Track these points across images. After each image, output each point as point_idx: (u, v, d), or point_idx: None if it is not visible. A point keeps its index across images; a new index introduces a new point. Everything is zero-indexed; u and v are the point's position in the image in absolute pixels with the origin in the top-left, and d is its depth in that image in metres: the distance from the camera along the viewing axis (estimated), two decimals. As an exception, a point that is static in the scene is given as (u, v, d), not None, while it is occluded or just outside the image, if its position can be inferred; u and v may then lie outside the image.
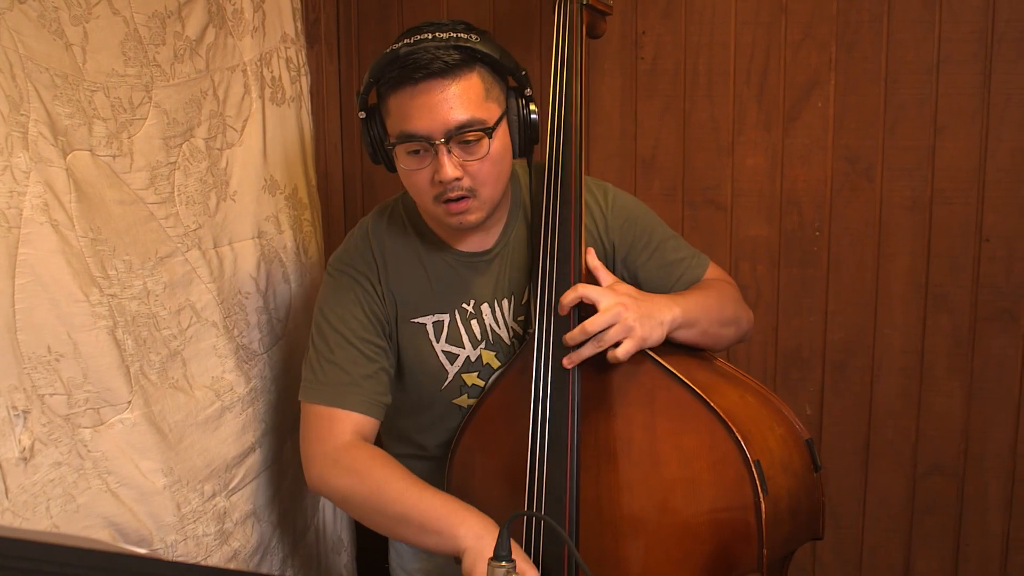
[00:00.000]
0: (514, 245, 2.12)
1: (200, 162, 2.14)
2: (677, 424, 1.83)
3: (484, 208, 1.95)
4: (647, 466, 1.85)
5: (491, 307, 2.11)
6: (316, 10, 2.79)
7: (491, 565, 1.53)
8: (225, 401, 2.17)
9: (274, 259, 2.41)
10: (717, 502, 1.79)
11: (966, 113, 2.53)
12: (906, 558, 2.72)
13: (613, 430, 1.89)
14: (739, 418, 1.80)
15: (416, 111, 1.85)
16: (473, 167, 1.89)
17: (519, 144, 1.98)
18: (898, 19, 2.53)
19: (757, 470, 1.75)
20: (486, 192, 1.93)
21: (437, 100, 1.84)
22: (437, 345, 2.10)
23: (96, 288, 1.78)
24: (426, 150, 1.88)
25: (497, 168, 1.93)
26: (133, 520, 1.86)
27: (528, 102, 1.96)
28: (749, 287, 2.68)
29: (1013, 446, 2.61)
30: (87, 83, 1.81)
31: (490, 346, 2.11)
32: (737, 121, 2.64)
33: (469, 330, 2.10)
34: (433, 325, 2.09)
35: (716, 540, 1.80)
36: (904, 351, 2.64)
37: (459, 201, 1.90)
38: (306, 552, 2.54)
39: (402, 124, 1.87)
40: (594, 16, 2.26)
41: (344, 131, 2.90)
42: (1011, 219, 2.54)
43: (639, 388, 1.87)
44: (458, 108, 1.84)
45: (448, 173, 1.85)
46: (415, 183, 1.93)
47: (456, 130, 1.85)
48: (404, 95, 1.86)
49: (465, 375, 2.12)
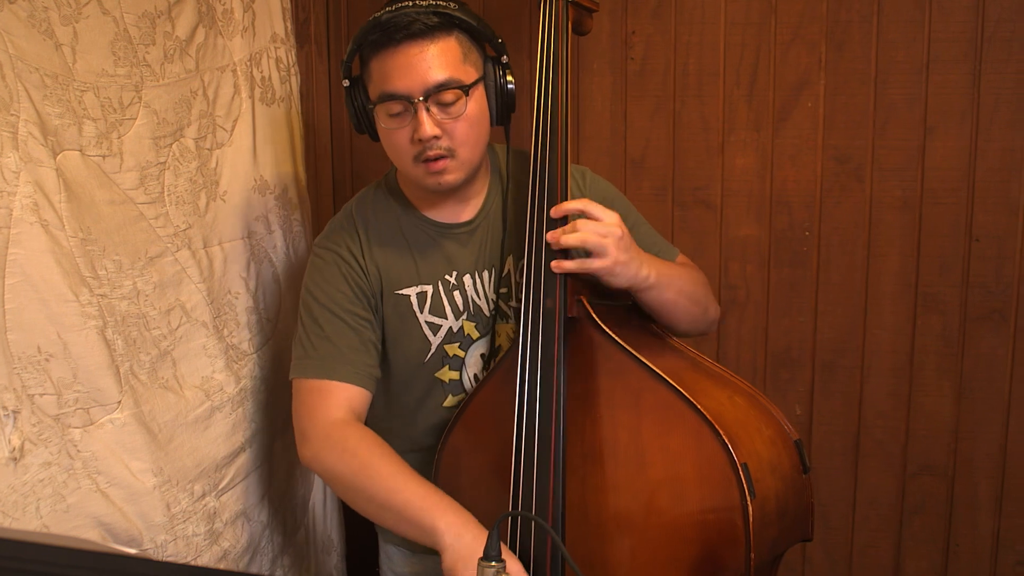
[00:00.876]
0: (493, 216, 2.17)
1: (190, 162, 2.14)
2: (663, 426, 1.82)
3: (462, 169, 2.01)
4: (633, 468, 1.84)
5: (472, 278, 2.14)
6: (306, 10, 2.79)
7: (481, 565, 1.52)
8: (215, 401, 2.16)
9: (264, 259, 2.41)
10: (703, 505, 1.78)
11: (956, 113, 2.53)
12: (896, 558, 2.72)
13: (599, 432, 1.88)
14: (726, 420, 1.79)
15: (396, 71, 1.92)
16: (450, 126, 1.95)
17: (496, 110, 2.05)
18: (888, 19, 2.53)
19: (744, 473, 1.74)
20: (464, 153, 1.99)
21: (416, 60, 1.91)
22: (421, 316, 2.12)
23: (86, 288, 1.77)
24: (406, 110, 1.94)
25: (474, 130, 2.00)
26: (123, 520, 1.86)
27: (505, 70, 2.04)
28: (739, 287, 2.68)
29: (1003, 446, 2.62)
30: (77, 83, 1.81)
31: (471, 317, 2.14)
32: (727, 121, 2.65)
33: (452, 301, 2.13)
34: (417, 296, 2.12)
35: (702, 543, 1.79)
36: (894, 351, 2.64)
37: (437, 161, 1.97)
38: (296, 552, 2.54)
39: (383, 84, 1.95)
40: (580, 13, 2.26)
41: (334, 131, 2.90)
42: (1001, 219, 2.54)
43: (625, 389, 1.87)
44: (436, 68, 1.92)
45: (427, 131, 1.92)
46: (395, 144, 1.99)
47: (435, 88, 1.92)
48: (385, 57, 1.93)
49: (447, 346, 2.13)
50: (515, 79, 2.05)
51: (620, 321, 1.99)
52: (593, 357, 1.91)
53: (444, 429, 2.09)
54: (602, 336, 1.91)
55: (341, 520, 2.74)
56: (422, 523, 1.83)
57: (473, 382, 2.15)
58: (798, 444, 1.92)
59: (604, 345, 1.90)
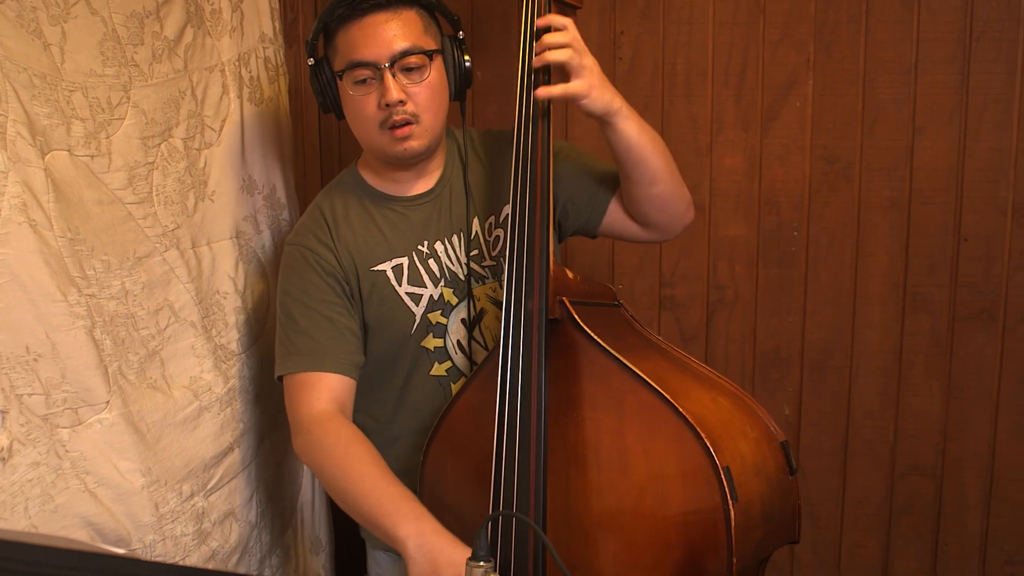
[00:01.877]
0: (455, 184, 2.20)
1: (178, 162, 2.13)
2: (646, 429, 1.81)
3: (426, 136, 2.06)
4: (615, 471, 1.83)
5: (444, 245, 2.16)
6: (294, 10, 2.79)
7: (469, 565, 1.52)
8: (203, 401, 2.16)
9: (252, 259, 2.40)
10: (686, 508, 1.76)
11: (944, 113, 2.54)
12: (884, 558, 2.73)
13: (581, 434, 1.87)
14: (709, 423, 1.76)
15: (363, 39, 2.00)
16: (415, 91, 2.02)
17: (454, 84, 2.13)
18: (876, 19, 2.54)
19: (727, 477, 1.71)
20: (427, 119, 2.05)
21: (382, 29, 1.99)
22: (400, 288, 2.13)
23: (74, 288, 1.76)
24: (373, 76, 2.01)
25: (436, 96, 2.06)
26: (111, 520, 1.85)
27: (461, 46, 2.12)
28: (727, 287, 2.69)
29: (991, 446, 2.63)
30: (65, 83, 1.80)
31: (448, 283, 2.16)
32: (715, 121, 2.65)
33: (428, 269, 2.15)
34: (393, 270, 2.13)
35: (685, 546, 1.77)
36: (882, 351, 2.65)
37: (403, 127, 2.02)
38: (284, 552, 2.53)
39: (350, 54, 2.02)
40: (563, 10, 2.25)
41: (322, 131, 2.90)
42: (989, 219, 2.55)
43: (607, 392, 1.85)
44: (400, 37, 2.00)
45: (393, 95, 1.98)
46: (361, 111, 2.05)
47: (400, 55, 1.99)
48: (351, 27, 2.01)
49: (430, 315, 2.15)
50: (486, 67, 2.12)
51: (603, 323, 1.96)
52: (575, 359, 1.90)
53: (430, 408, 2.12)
54: (584, 338, 1.89)
55: (329, 520, 2.73)
56: (387, 529, 1.83)
57: (457, 349, 2.16)
58: (784, 445, 1.90)
59: (586, 347, 1.88)
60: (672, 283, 2.76)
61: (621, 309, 2.04)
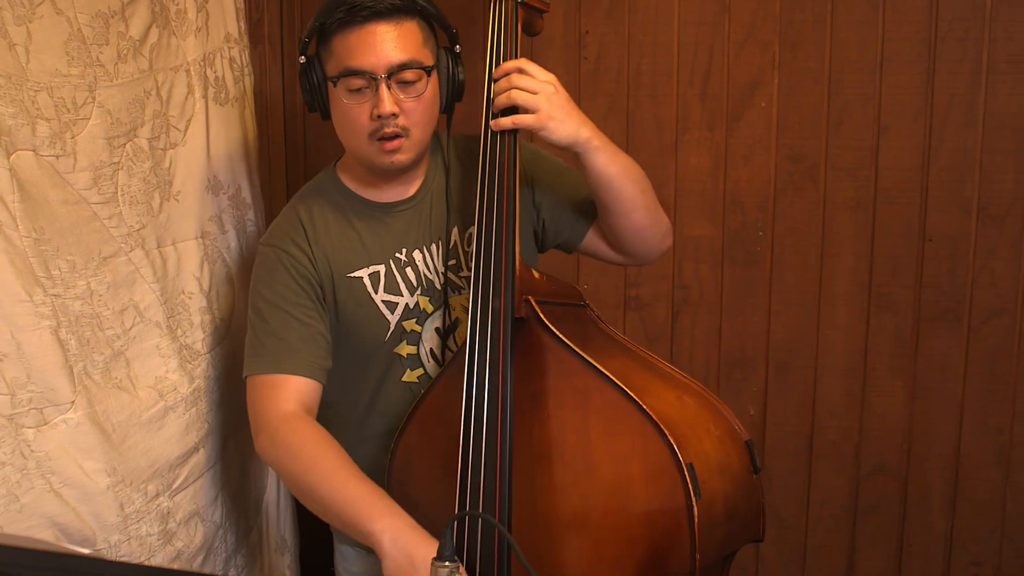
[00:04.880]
0: (435, 192, 2.18)
1: (143, 162, 2.14)
2: (610, 427, 1.82)
3: (414, 149, 2.04)
4: (580, 468, 1.84)
5: (422, 253, 2.15)
6: (259, 10, 2.79)
7: (435, 565, 1.52)
8: (168, 401, 2.16)
9: (217, 259, 2.41)
10: (650, 505, 1.78)
11: (909, 113, 2.53)
12: (849, 558, 2.73)
13: (546, 432, 1.88)
14: (673, 421, 1.78)
15: (361, 47, 1.96)
16: (409, 106, 1.99)
17: (444, 98, 2.10)
18: (841, 19, 2.54)
19: (690, 473, 1.73)
20: (417, 133, 2.03)
21: (381, 39, 1.96)
22: (376, 296, 2.12)
23: (39, 288, 1.78)
24: (367, 86, 1.98)
25: (428, 111, 2.04)
26: (76, 520, 1.86)
27: (457, 60, 2.09)
28: (692, 287, 2.69)
29: (956, 446, 2.62)
30: (30, 83, 1.81)
31: (424, 292, 2.15)
32: (680, 121, 2.65)
33: (405, 278, 2.14)
34: (370, 277, 2.12)
35: (649, 543, 1.79)
36: (847, 351, 2.65)
37: (393, 139, 2.00)
38: (249, 552, 2.54)
39: (346, 60, 1.98)
40: (530, 14, 2.25)
41: (288, 131, 2.90)
42: (954, 219, 2.55)
43: (572, 390, 1.86)
44: (400, 48, 1.96)
45: (387, 107, 1.95)
46: (353, 120, 2.01)
47: (398, 67, 1.96)
48: (350, 34, 1.97)
49: (405, 322, 2.14)
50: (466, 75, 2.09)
51: (569, 322, 1.97)
52: (541, 358, 1.91)
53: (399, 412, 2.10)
54: (550, 337, 1.90)
55: (295, 520, 2.74)
56: (359, 526, 1.83)
57: (430, 357, 2.16)
58: (749, 444, 1.91)
59: (552, 346, 1.90)
60: (637, 283, 2.76)
61: (587, 309, 2.05)
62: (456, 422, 1.93)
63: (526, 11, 2.19)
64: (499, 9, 2.10)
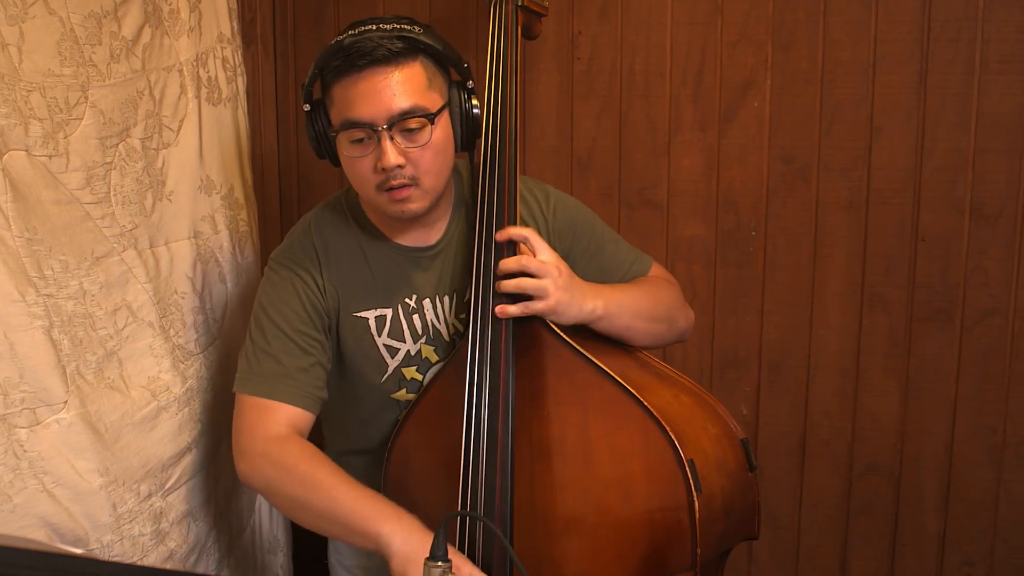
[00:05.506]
0: (456, 243, 2.14)
1: (136, 162, 2.14)
2: (611, 423, 1.84)
3: (426, 198, 1.98)
4: (581, 465, 1.86)
5: (432, 303, 2.12)
6: (252, 10, 2.78)
7: (427, 565, 1.52)
8: (161, 401, 2.16)
9: (210, 259, 2.41)
10: (651, 501, 1.80)
11: (902, 113, 2.53)
12: (842, 558, 2.73)
13: (547, 429, 1.89)
14: (673, 417, 1.80)
15: (360, 97, 1.89)
16: (415, 155, 1.92)
17: (461, 137, 2.02)
18: (834, 19, 2.53)
19: (691, 469, 1.75)
20: (428, 181, 1.96)
21: (380, 87, 1.88)
22: (379, 339, 2.10)
23: (32, 288, 1.79)
24: (369, 137, 1.91)
25: (439, 158, 1.96)
26: (69, 520, 1.87)
27: (470, 95, 2.00)
28: (685, 287, 2.66)
29: (949, 446, 2.62)
30: (23, 83, 1.82)
31: (430, 341, 2.12)
32: (673, 121, 2.65)
33: (411, 325, 2.11)
34: (376, 319, 2.10)
35: (650, 539, 1.80)
36: (840, 351, 2.64)
37: (401, 189, 1.93)
38: (242, 552, 2.54)
39: (346, 112, 1.91)
40: (529, 17, 2.27)
41: (280, 131, 2.90)
42: (947, 219, 2.55)
43: (573, 387, 1.88)
44: (401, 95, 1.89)
45: (390, 160, 1.89)
46: (358, 171, 1.96)
47: (399, 116, 1.89)
48: (348, 83, 1.90)
49: (404, 369, 2.12)
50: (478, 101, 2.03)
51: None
52: (541, 355, 1.92)
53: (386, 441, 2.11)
54: (550, 334, 1.92)
55: (288, 520, 2.74)
56: (367, 531, 1.83)
57: None
58: (744, 443, 1.94)
59: (552, 343, 1.92)
60: (630, 284, 2.75)
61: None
62: (454, 421, 1.94)
63: (526, 14, 2.21)
64: (499, 12, 2.11)
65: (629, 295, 2.07)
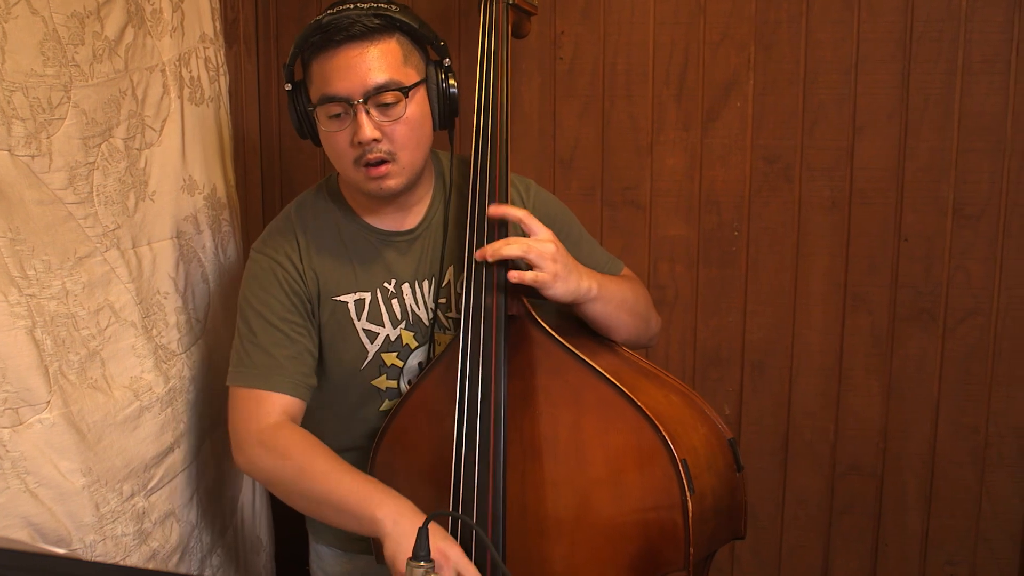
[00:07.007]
0: (436, 227, 2.16)
1: (119, 162, 2.13)
2: (604, 423, 1.84)
3: (403, 174, 2.01)
4: (573, 465, 1.86)
5: (412, 287, 2.14)
6: (235, 10, 2.78)
7: (410, 565, 1.53)
8: (144, 401, 2.16)
9: (193, 259, 2.41)
10: (644, 500, 1.80)
11: (885, 113, 2.54)
12: (825, 558, 2.73)
13: (539, 428, 1.89)
14: (665, 417, 1.81)
15: (336, 72, 1.93)
16: (390, 129, 1.95)
17: (438, 114, 2.04)
18: (817, 19, 2.54)
19: (684, 468, 1.76)
20: (405, 157, 1.99)
21: (356, 62, 1.92)
22: (358, 323, 2.11)
23: (15, 288, 1.78)
24: (346, 112, 1.95)
25: (415, 133, 1.99)
26: (52, 520, 1.86)
27: (448, 74, 2.03)
28: (668, 287, 2.69)
29: (931, 446, 2.63)
30: (6, 83, 1.80)
31: (409, 326, 2.14)
32: (656, 121, 2.65)
33: (390, 309, 2.13)
34: (355, 303, 2.11)
35: (643, 538, 1.80)
36: (823, 351, 2.65)
37: (379, 165, 1.96)
38: (225, 552, 2.54)
39: (323, 87, 1.95)
40: (519, 16, 2.27)
41: (263, 131, 2.90)
42: (930, 219, 2.55)
43: (565, 386, 1.88)
44: (376, 70, 1.92)
45: (366, 133, 1.92)
46: (335, 146, 1.99)
47: (374, 90, 1.92)
48: (325, 59, 1.94)
49: (384, 355, 2.13)
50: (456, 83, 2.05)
51: (560, 319, 2.01)
52: (533, 354, 1.92)
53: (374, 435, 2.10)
54: (542, 334, 1.92)
55: (270, 520, 2.74)
56: (361, 514, 1.84)
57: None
58: (732, 443, 1.94)
59: (544, 342, 1.92)
60: (614, 284, 2.75)
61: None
62: (443, 419, 1.95)
63: (516, 13, 2.21)
64: (489, 10, 2.11)
65: (616, 284, 2.08)
